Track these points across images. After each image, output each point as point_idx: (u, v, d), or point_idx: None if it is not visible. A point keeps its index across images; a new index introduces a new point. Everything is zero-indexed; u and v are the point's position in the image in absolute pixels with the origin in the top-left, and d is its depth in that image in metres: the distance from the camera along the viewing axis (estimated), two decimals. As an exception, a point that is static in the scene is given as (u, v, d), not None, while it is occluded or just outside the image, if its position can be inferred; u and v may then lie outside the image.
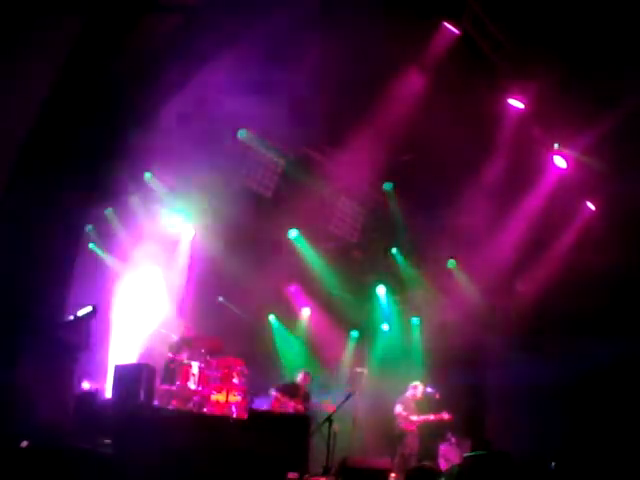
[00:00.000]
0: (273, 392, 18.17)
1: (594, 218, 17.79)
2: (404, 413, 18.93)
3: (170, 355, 17.63)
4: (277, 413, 17.42)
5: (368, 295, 24.46)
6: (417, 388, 19.29)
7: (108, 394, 16.24)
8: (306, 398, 18.70)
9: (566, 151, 16.91)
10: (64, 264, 14.37)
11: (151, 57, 14.84)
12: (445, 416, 18.67)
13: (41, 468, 10.37)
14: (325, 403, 18.31)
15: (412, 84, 16.18)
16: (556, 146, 16.94)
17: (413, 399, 19.18)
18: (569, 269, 17.43)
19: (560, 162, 17.23)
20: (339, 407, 16.35)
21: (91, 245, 21.03)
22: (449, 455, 18.50)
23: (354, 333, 24.80)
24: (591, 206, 17.97)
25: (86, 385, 16.79)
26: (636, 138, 15.17)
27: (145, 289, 22.07)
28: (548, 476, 13.57)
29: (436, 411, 18.76)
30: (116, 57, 14.17)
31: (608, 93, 14.57)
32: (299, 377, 19.33)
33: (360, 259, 23.78)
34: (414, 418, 18.88)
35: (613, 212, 17.03)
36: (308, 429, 14.65)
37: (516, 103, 16.17)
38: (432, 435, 18.96)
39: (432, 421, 18.78)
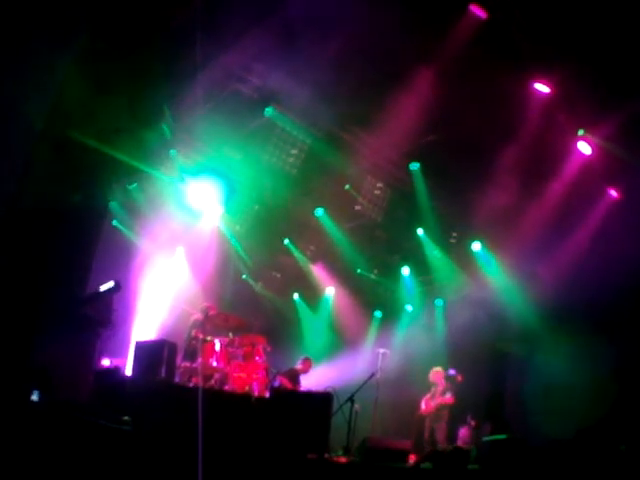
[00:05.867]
0: (278, 377, 18.12)
1: (617, 206, 17.65)
2: (424, 397, 19.10)
3: (192, 332, 17.60)
4: (299, 392, 17.43)
5: (392, 275, 24.42)
6: (431, 373, 19.34)
7: (129, 371, 16.23)
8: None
9: (591, 137, 16.77)
10: (87, 240, 14.35)
11: (179, 33, 14.74)
12: (448, 400, 18.67)
13: (60, 444, 10.39)
14: None
15: (439, 65, 16.05)
16: (581, 132, 16.80)
17: (432, 384, 19.23)
18: (591, 256, 17.28)
19: (584, 148, 17.09)
20: (361, 387, 16.33)
21: (114, 222, 21.11)
22: (468, 439, 18.43)
23: (377, 313, 24.80)
24: (614, 193, 17.84)
25: (106, 362, 16.81)
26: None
27: (169, 266, 22.14)
28: (567, 459, 13.48)
29: (458, 394, 18.74)
30: (146, 33, 14.06)
31: (634, 80, 14.42)
32: (298, 363, 19.29)
33: (385, 239, 23.72)
34: (424, 402, 19.05)
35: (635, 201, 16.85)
36: (330, 408, 14.57)
37: (542, 87, 16.04)
38: (452, 418, 18.89)
39: (439, 404, 18.78)
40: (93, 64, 12.97)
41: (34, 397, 11.59)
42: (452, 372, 18.95)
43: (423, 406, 19.14)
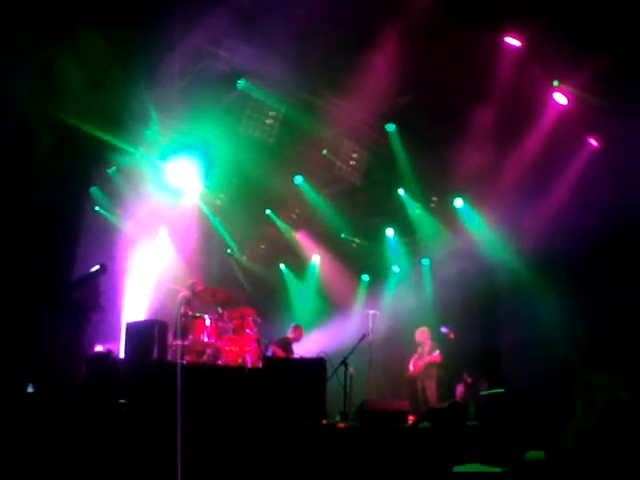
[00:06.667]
0: (271, 347, 18.14)
1: (597, 154, 17.67)
2: (411, 358, 19.21)
3: (181, 310, 17.60)
4: (292, 359, 17.49)
5: (377, 238, 24.43)
6: (417, 333, 19.46)
7: (122, 355, 16.22)
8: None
9: (566, 87, 16.78)
10: (71, 227, 14.30)
11: (153, 8, 14.61)
12: (435, 358, 18.76)
13: (59, 432, 10.42)
14: None
15: (407, 25, 15.94)
16: (555, 83, 16.79)
17: (419, 343, 19.34)
18: (573, 207, 17.29)
19: (560, 99, 17.09)
20: (354, 350, 16.37)
21: (97, 207, 21.05)
22: (466, 396, 18.48)
23: (365, 277, 24.84)
24: (593, 142, 17.86)
25: (99, 348, 16.79)
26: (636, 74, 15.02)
27: (153, 246, 22.11)
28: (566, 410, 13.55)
29: (449, 351, 18.81)
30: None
31: (607, 28, 14.39)
32: (289, 331, 19.34)
33: (366, 202, 23.68)
34: (412, 363, 19.17)
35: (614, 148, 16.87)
36: (324, 373, 14.60)
37: (512, 41, 16.01)
38: (448, 376, 18.96)
39: (427, 363, 18.86)
40: (72, 42, 12.89)
41: (29, 389, 11.62)
42: (444, 330, 18.99)
43: (411, 367, 19.25)
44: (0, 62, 12.23)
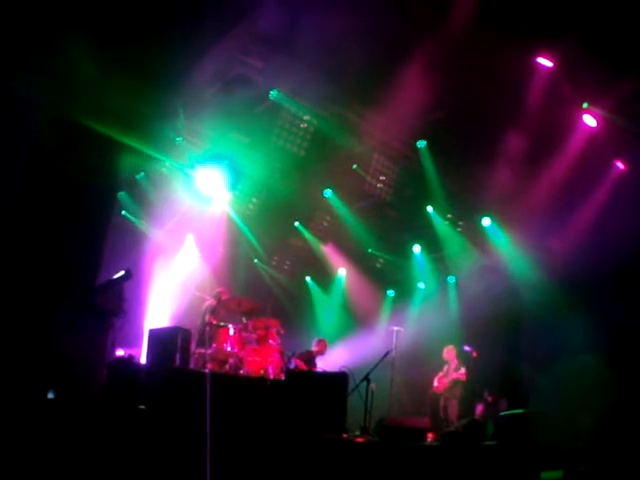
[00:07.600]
0: (294, 360, 18.12)
1: (624, 178, 17.57)
2: (436, 376, 19.14)
3: (206, 318, 17.63)
4: (314, 373, 17.46)
5: (404, 254, 24.36)
6: (444, 351, 19.39)
7: (143, 360, 16.23)
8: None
9: (595, 110, 16.71)
10: (98, 231, 14.34)
11: (183, 16, 14.66)
12: (461, 375, 18.68)
13: (76, 434, 10.45)
14: None
15: (441, 43, 15.93)
16: (585, 105, 16.74)
17: (446, 361, 19.27)
18: (600, 229, 17.20)
19: (590, 121, 17.03)
20: (376, 366, 16.32)
21: (123, 212, 21.14)
22: (485, 415, 18.37)
23: (390, 292, 24.79)
24: (620, 165, 17.78)
25: (120, 352, 16.80)
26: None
27: (180, 253, 22.18)
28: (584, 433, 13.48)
29: (471, 370, 18.72)
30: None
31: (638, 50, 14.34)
32: (313, 345, 19.33)
33: (395, 217, 23.67)
34: (437, 380, 19.09)
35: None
36: (346, 388, 14.58)
37: (544, 62, 16.00)
38: (469, 395, 18.86)
39: (452, 380, 18.79)
40: (102, 47, 12.92)
41: (50, 395, 11.65)
42: (467, 348, 18.88)
43: (436, 384, 19.15)
44: (22, 64, 12.29)
